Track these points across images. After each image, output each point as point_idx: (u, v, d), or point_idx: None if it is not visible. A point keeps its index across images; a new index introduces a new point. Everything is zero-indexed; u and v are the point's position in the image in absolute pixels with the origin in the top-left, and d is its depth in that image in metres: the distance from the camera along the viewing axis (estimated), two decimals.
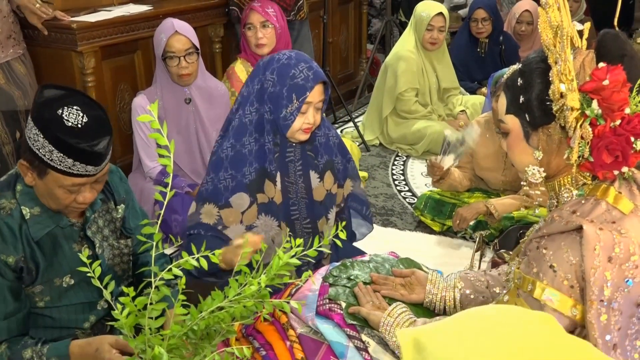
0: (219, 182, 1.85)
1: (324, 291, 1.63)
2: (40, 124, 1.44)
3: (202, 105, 2.80)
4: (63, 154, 1.43)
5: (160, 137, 1.08)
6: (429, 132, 3.85)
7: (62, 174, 1.46)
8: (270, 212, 1.88)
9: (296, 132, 1.82)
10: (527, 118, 1.29)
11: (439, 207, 2.91)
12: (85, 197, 1.53)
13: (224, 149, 1.86)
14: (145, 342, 1.12)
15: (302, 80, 1.76)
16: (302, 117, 1.80)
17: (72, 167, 1.45)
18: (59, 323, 1.64)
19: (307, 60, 1.82)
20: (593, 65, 1.22)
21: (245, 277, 1.17)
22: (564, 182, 1.31)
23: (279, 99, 1.79)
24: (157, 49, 2.70)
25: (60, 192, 1.50)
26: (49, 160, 1.44)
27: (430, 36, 3.88)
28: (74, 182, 1.49)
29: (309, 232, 1.96)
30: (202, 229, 1.85)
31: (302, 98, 1.77)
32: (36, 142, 1.44)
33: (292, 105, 1.78)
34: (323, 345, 1.53)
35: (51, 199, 1.53)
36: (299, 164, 1.92)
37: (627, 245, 1.17)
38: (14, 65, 2.61)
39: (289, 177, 1.91)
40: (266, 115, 1.82)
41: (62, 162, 1.44)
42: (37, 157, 1.45)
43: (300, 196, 1.93)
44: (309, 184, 1.94)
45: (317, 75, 1.78)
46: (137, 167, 2.88)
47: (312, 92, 1.77)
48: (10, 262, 1.51)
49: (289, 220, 1.93)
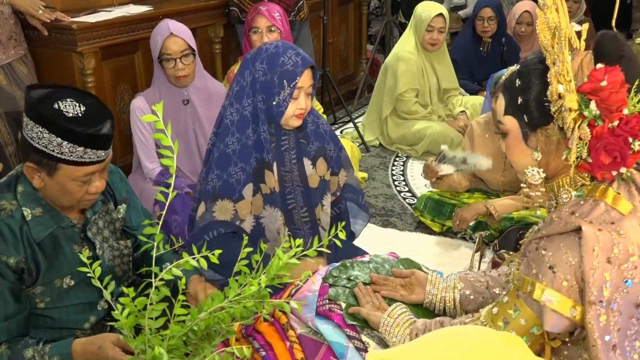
0: (229, 177, 1.86)
1: (324, 292, 1.63)
2: (41, 121, 1.44)
3: (200, 106, 2.79)
4: (73, 144, 1.44)
5: (164, 138, 1.08)
6: (429, 132, 3.85)
7: (74, 165, 1.47)
8: (274, 202, 1.91)
9: (290, 118, 1.86)
10: (525, 119, 1.29)
11: (438, 208, 2.91)
12: (97, 186, 1.55)
13: (229, 145, 1.87)
14: (145, 342, 1.12)
15: (291, 66, 1.81)
16: (295, 102, 1.84)
17: (84, 156, 1.47)
18: (59, 324, 1.64)
19: (294, 47, 1.86)
20: (591, 66, 1.22)
21: (245, 278, 1.17)
22: (562, 183, 1.31)
23: (270, 87, 1.83)
24: (153, 51, 2.70)
25: (73, 185, 1.50)
26: (59, 154, 1.45)
27: (430, 37, 3.88)
28: (86, 172, 1.50)
29: (306, 220, 1.98)
30: (221, 228, 1.86)
31: (293, 83, 1.81)
32: (41, 139, 1.45)
33: (283, 92, 1.81)
34: (323, 345, 1.54)
35: (63, 195, 1.53)
36: (293, 152, 1.95)
37: (626, 246, 1.18)
38: (16, 66, 2.62)
39: (285, 166, 1.94)
40: (259, 105, 1.86)
41: (73, 152, 1.45)
42: (45, 154, 1.46)
43: (296, 184, 1.96)
44: (304, 172, 1.96)
45: (305, 60, 1.83)
46: (136, 168, 2.88)
47: (302, 77, 1.82)
48: (11, 264, 1.51)
49: (286, 210, 1.94)
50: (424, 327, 1.45)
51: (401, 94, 3.92)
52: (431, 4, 3.96)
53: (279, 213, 1.91)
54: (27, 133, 1.48)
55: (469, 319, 1.39)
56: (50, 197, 1.55)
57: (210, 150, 1.94)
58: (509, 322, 1.29)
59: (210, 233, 1.86)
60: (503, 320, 1.30)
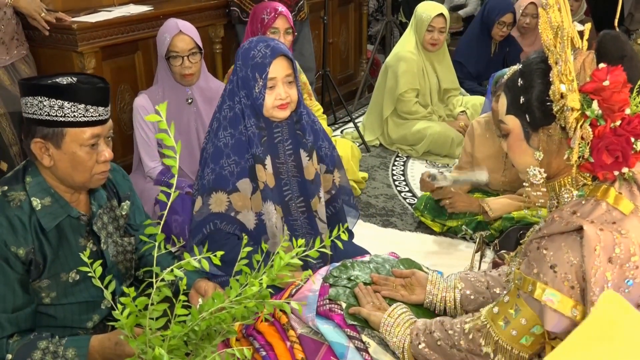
0: (222, 170, 1.89)
1: (324, 292, 1.63)
2: (40, 92, 1.49)
3: (203, 105, 2.80)
4: (73, 102, 1.49)
5: (167, 138, 1.08)
6: (429, 132, 3.85)
7: (79, 127, 1.51)
8: (267, 197, 1.92)
9: (271, 109, 1.88)
10: (527, 119, 1.29)
11: (439, 208, 2.91)
12: (106, 154, 1.58)
13: (220, 138, 1.91)
14: (146, 342, 1.11)
15: (260, 58, 1.85)
16: (272, 92, 1.87)
17: (86, 114, 1.51)
18: (62, 322, 1.65)
19: (266, 40, 1.89)
20: (593, 66, 1.22)
21: (246, 278, 1.17)
22: (564, 183, 1.31)
23: (247, 81, 1.87)
24: (160, 48, 2.70)
25: (82, 152, 1.53)
26: (62, 117, 1.50)
27: (431, 37, 3.88)
28: (92, 133, 1.53)
29: (303, 210, 1.99)
30: (216, 220, 1.89)
31: (264, 75, 1.84)
32: (42, 109, 1.49)
33: (258, 85, 1.85)
34: (323, 345, 1.54)
35: (75, 168, 1.55)
36: (288, 144, 1.96)
37: (628, 246, 1.17)
38: (19, 67, 2.62)
39: (279, 158, 1.96)
40: (243, 100, 1.89)
41: (74, 111, 1.50)
42: (49, 122, 1.50)
43: (292, 175, 1.97)
44: (300, 163, 1.98)
45: (274, 51, 1.85)
46: (137, 167, 2.88)
47: (273, 67, 1.84)
48: (20, 254, 1.52)
49: (283, 202, 1.95)
50: (424, 327, 1.45)
51: (401, 94, 3.92)
52: (431, 4, 3.96)
53: (272, 207, 1.92)
54: (27, 111, 1.52)
55: (469, 319, 1.39)
56: (62, 175, 1.57)
57: (204, 148, 1.97)
58: (510, 322, 1.29)
59: (208, 226, 1.88)
60: (504, 319, 1.30)
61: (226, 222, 1.88)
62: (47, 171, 1.58)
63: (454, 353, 1.38)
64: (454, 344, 1.38)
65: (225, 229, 1.89)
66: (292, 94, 1.90)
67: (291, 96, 1.89)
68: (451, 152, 3.81)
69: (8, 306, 1.52)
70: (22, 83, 1.55)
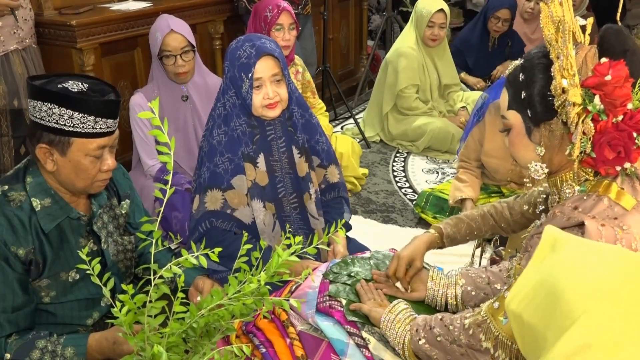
0: (216, 167, 1.89)
1: (324, 288, 1.62)
2: (50, 98, 1.46)
3: (199, 102, 2.79)
4: (84, 114, 1.47)
5: (161, 135, 1.07)
6: (430, 128, 3.84)
7: (86, 137, 1.50)
8: (255, 195, 1.92)
9: (260, 108, 1.87)
10: (529, 114, 1.28)
11: (440, 204, 2.90)
12: (109, 164, 1.57)
13: (215, 136, 1.90)
14: (144, 340, 1.11)
15: (245, 59, 1.84)
16: (259, 92, 1.86)
17: (95, 126, 1.50)
18: (61, 320, 1.64)
19: (253, 39, 1.88)
20: (595, 61, 1.21)
21: (244, 275, 1.17)
22: (566, 178, 1.30)
23: (236, 80, 1.87)
24: (152, 47, 2.68)
25: (86, 162, 1.53)
26: (71, 127, 1.48)
27: (431, 33, 3.87)
28: (98, 144, 1.52)
29: (295, 206, 1.99)
30: (212, 218, 1.88)
31: (249, 75, 1.83)
32: (51, 117, 1.47)
33: (244, 84, 1.84)
34: (323, 342, 1.53)
35: (77, 175, 1.54)
36: (281, 141, 1.95)
37: (629, 242, 1.17)
38: (30, 51, 2.64)
39: (273, 155, 1.95)
40: (234, 98, 1.89)
41: (84, 122, 1.48)
42: (57, 130, 1.48)
43: (285, 172, 1.97)
44: (292, 159, 1.98)
45: (259, 50, 1.83)
46: (136, 165, 2.87)
47: (259, 67, 1.83)
48: (20, 254, 1.52)
49: (276, 199, 1.95)
50: (424, 322, 1.45)
51: (402, 89, 3.91)
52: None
53: (260, 205, 1.92)
54: (35, 115, 1.50)
55: (470, 314, 1.39)
56: (64, 180, 1.56)
57: (201, 146, 1.97)
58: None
59: (204, 224, 1.87)
60: (504, 315, 1.29)
61: (222, 220, 1.87)
62: (49, 173, 1.57)
63: (454, 349, 1.38)
64: (454, 340, 1.37)
65: (221, 227, 1.88)
66: (281, 92, 1.88)
67: (280, 95, 1.88)
68: (452, 148, 3.80)
69: (7, 306, 1.52)
70: (31, 85, 1.52)
